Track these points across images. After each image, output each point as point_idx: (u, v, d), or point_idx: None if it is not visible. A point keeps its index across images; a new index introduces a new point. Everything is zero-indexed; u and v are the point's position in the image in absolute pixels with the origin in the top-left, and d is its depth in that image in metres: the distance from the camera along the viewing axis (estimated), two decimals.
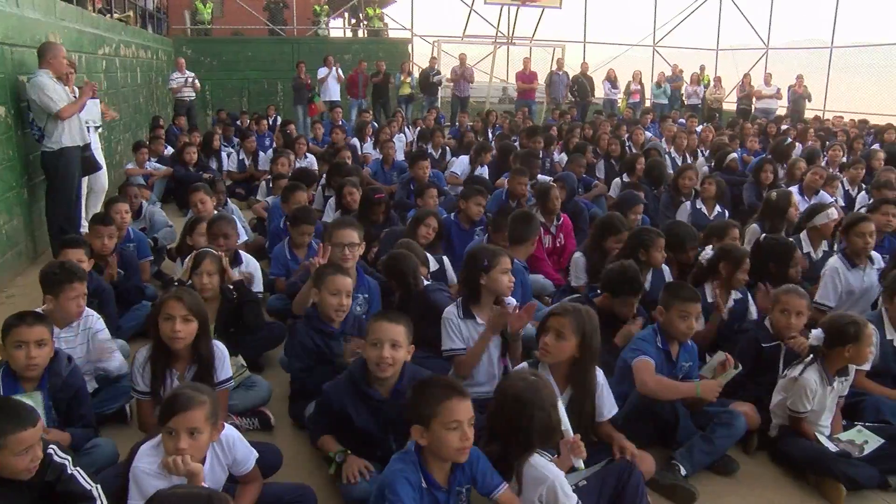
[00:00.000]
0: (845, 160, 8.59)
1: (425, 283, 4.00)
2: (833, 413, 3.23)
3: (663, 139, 10.48)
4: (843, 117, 14.51)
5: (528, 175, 6.30)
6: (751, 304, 4.13)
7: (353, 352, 3.26)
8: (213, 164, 9.19)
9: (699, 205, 6.34)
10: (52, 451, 2.33)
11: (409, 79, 15.55)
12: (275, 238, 5.57)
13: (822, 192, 6.66)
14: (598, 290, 3.86)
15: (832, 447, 3.09)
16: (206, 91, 15.35)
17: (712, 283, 4.05)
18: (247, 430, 3.33)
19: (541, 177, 7.05)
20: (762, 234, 4.98)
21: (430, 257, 4.42)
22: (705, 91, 16.66)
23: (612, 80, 16.42)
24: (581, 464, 2.55)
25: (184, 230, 5.02)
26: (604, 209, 6.90)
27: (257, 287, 4.46)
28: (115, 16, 10.96)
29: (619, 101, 16.70)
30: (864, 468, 3.01)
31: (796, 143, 10.00)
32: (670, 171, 7.67)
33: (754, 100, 15.80)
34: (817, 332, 3.14)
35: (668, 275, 4.40)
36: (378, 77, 14.97)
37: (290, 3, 17.99)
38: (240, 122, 12.61)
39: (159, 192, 8.41)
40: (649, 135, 10.92)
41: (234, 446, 2.47)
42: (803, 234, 5.04)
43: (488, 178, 7.46)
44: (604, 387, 2.93)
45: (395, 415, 2.74)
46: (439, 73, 15.94)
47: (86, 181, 6.40)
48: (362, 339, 3.28)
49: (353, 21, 20.15)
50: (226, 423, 2.51)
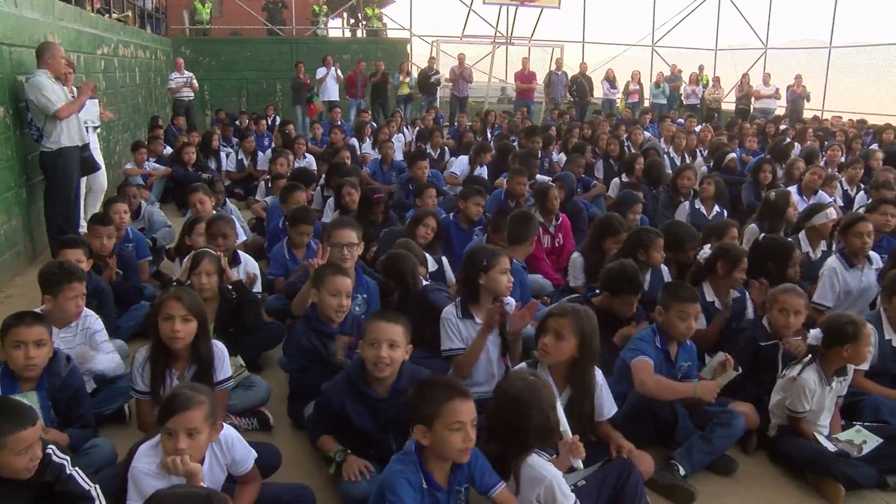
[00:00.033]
0: (844, 160, 8.59)
1: (424, 283, 4.00)
2: (832, 413, 3.24)
3: (662, 139, 10.50)
4: (841, 117, 14.53)
5: (526, 175, 6.30)
6: (748, 304, 4.13)
7: (341, 349, 3.26)
8: (212, 164, 9.17)
9: (698, 205, 6.35)
10: (50, 451, 2.33)
11: (407, 79, 15.55)
12: (273, 238, 5.55)
13: (820, 191, 6.66)
14: (597, 290, 3.86)
15: (831, 447, 3.10)
16: (204, 91, 15.35)
17: (710, 283, 4.05)
18: (246, 430, 3.33)
19: (539, 177, 7.05)
20: (761, 234, 5.00)
21: (428, 257, 4.42)
22: (704, 91, 16.69)
23: (610, 80, 16.45)
24: (580, 464, 2.56)
25: (182, 230, 5.01)
26: (602, 209, 6.90)
27: (256, 287, 4.45)
28: (114, 16, 10.96)
29: (618, 101, 16.71)
30: (862, 468, 3.01)
31: (795, 143, 10.00)
32: (669, 171, 7.68)
33: (753, 100, 15.84)
34: (816, 332, 3.15)
35: (666, 275, 4.40)
36: (377, 77, 14.96)
37: (288, 3, 17.99)
38: (238, 122, 12.60)
39: (158, 192, 8.39)
40: (648, 135, 10.91)
41: (233, 446, 2.47)
42: (802, 234, 5.05)
43: (487, 178, 7.46)
44: (603, 387, 2.93)
45: (394, 414, 2.75)
46: (438, 73, 15.94)
47: (84, 181, 6.40)
48: (350, 336, 3.29)
49: (352, 21, 20.11)
50: (224, 423, 2.51)
